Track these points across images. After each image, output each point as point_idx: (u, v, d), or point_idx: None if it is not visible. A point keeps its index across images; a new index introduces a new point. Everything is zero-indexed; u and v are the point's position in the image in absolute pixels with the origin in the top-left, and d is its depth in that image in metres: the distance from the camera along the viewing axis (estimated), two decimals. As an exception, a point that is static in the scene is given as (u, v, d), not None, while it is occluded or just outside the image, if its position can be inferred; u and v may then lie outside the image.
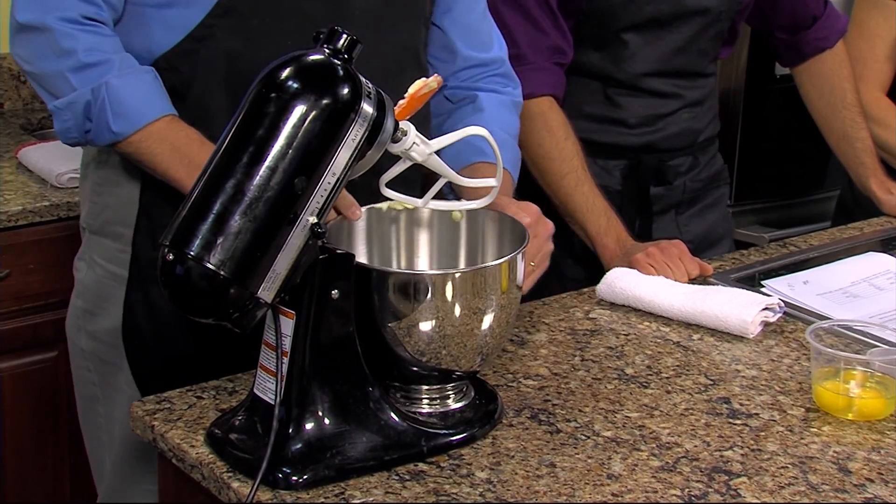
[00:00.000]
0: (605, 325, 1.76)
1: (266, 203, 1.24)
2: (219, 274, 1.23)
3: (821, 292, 1.87)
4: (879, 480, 1.38)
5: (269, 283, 1.26)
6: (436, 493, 1.33)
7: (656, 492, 1.34)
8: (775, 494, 1.35)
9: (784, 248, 2.07)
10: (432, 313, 1.38)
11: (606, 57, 2.17)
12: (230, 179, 1.25)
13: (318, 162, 1.27)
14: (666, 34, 2.16)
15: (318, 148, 1.27)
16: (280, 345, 1.33)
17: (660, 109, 2.21)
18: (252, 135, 1.26)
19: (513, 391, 1.55)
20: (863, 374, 1.53)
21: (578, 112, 2.18)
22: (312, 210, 1.27)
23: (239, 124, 1.28)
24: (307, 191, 1.26)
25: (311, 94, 1.27)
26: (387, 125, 1.32)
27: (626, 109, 2.20)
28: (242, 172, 1.25)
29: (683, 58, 2.20)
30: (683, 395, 1.56)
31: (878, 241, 2.12)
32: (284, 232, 1.26)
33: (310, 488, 1.32)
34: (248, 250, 1.24)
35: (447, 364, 1.41)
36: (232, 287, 1.24)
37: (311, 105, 1.26)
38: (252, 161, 1.25)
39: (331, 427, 1.34)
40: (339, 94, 1.27)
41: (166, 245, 1.25)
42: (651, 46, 2.16)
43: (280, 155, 1.25)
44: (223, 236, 1.23)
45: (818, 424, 1.50)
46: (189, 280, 1.24)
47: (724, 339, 1.72)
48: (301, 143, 1.25)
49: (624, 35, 2.14)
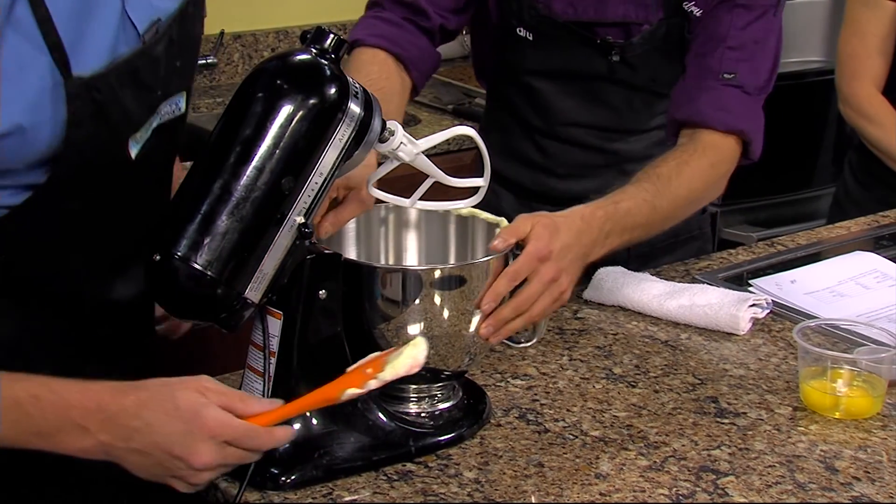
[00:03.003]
0: (593, 325, 1.76)
1: (253, 203, 1.24)
2: (206, 274, 1.22)
3: (808, 291, 1.87)
4: (866, 479, 1.38)
5: (256, 283, 1.26)
6: (424, 493, 1.33)
7: (644, 491, 1.35)
8: (763, 493, 1.35)
9: (772, 248, 2.08)
10: (420, 313, 1.38)
11: (524, 101, 1.95)
12: (217, 180, 1.24)
13: (306, 162, 1.26)
14: (578, 85, 1.90)
15: (305, 148, 1.26)
16: (267, 345, 1.33)
17: (592, 160, 1.95)
18: (238, 134, 1.25)
19: (501, 391, 1.55)
20: (850, 373, 1.53)
21: (511, 153, 2.00)
22: (300, 210, 1.27)
23: (226, 124, 1.27)
24: (294, 191, 1.26)
25: (298, 94, 1.26)
26: (374, 125, 1.31)
27: (552, 157, 1.97)
28: (229, 173, 1.24)
29: (604, 113, 1.92)
30: (671, 395, 1.56)
31: (865, 241, 2.13)
32: (272, 232, 1.26)
33: (298, 488, 1.32)
34: (235, 251, 1.23)
35: (435, 364, 1.41)
36: (219, 287, 1.23)
37: (298, 105, 1.25)
38: (239, 161, 1.24)
39: (318, 427, 1.34)
40: (327, 94, 1.27)
41: (156, 248, 1.24)
42: (566, 96, 1.91)
43: (267, 155, 1.24)
44: (210, 237, 1.22)
45: (805, 423, 1.50)
46: (176, 281, 1.23)
47: (712, 339, 1.72)
48: (288, 143, 1.25)
49: (533, 81, 1.92)
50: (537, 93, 1.94)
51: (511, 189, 2.02)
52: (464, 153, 2.98)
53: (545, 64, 1.91)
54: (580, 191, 1.84)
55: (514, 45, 1.91)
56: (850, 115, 2.55)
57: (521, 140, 2.00)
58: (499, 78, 2.01)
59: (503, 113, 2.02)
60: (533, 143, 1.99)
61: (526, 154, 2.00)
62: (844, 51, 2.54)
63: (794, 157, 3.16)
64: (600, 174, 1.95)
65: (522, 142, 2.00)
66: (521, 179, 2.01)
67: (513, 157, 2.01)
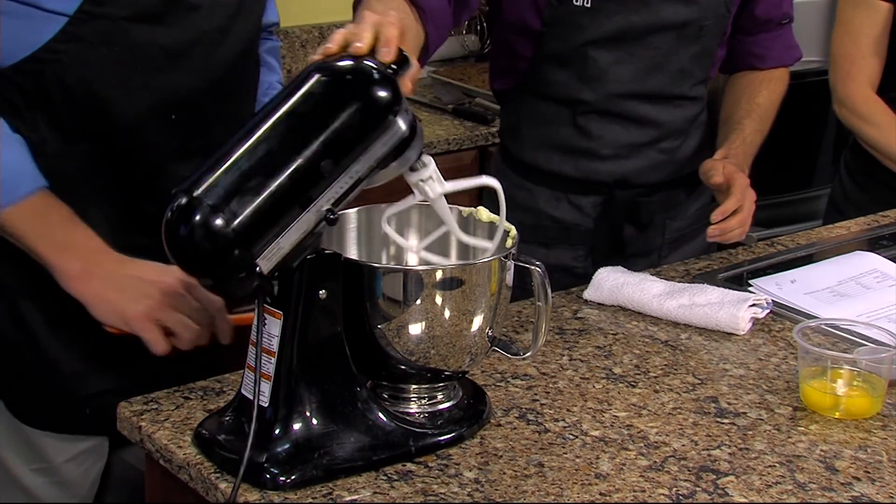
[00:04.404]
0: (593, 325, 1.76)
1: (291, 175, 1.26)
2: (228, 226, 1.23)
3: (808, 291, 1.87)
4: (866, 479, 1.39)
5: (270, 254, 1.27)
6: (424, 493, 1.33)
7: (644, 491, 1.35)
8: (763, 493, 1.35)
9: (772, 248, 2.08)
10: (421, 314, 1.38)
11: (574, 76, 2.00)
12: (264, 142, 1.27)
13: (348, 152, 1.29)
14: (638, 50, 1.98)
15: (351, 139, 1.29)
16: (268, 345, 1.33)
17: (635, 138, 2.03)
18: (294, 108, 1.29)
19: (501, 391, 1.55)
20: (850, 373, 1.53)
21: (546, 142, 2.05)
22: (329, 198, 1.29)
23: (284, 97, 1.30)
24: (330, 176, 1.28)
25: (359, 89, 1.30)
26: (414, 145, 1.34)
27: (596, 138, 2.03)
28: (276, 139, 1.27)
29: (660, 77, 2.01)
30: (671, 395, 1.56)
31: (865, 240, 2.13)
32: (299, 209, 1.27)
33: (298, 489, 1.32)
34: (260, 213, 1.25)
35: (436, 364, 1.41)
36: (236, 245, 1.24)
37: (356, 98, 1.29)
38: (288, 130, 1.28)
39: (319, 427, 1.34)
40: (382, 97, 1.30)
41: (182, 190, 1.25)
42: (622, 64, 1.98)
43: (316, 133, 1.27)
44: (241, 194, 1.24)
45: (805, 423, 1.50)
46: (195, 228, 1.24)
47: (712, 339, 1.72)
48: (337, 129, 1.28)
49: (591, 51, 1.97)
50: (592, 64, 1.98)
51: (545, 182, 2.07)
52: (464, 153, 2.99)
53: (604, 28, 1.96)
54: (623, 172, 2.04)
55: (569, 17, 1.95)
56: (845, 116, 2.54)
57: (560, 127, 2.04)
58: (541, 63, 2.02)
59: (538, 102, 2.05)
60: (574, 127, 2.03)
61: (567, 141, 2.04)
62: (838, 52, 2.53)
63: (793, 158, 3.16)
64: (640, 154, 2.05)
65: (563, 128, 2.04)
66: (561, 168, 2.06)
67: (551, 147, 2.05)
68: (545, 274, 1.42)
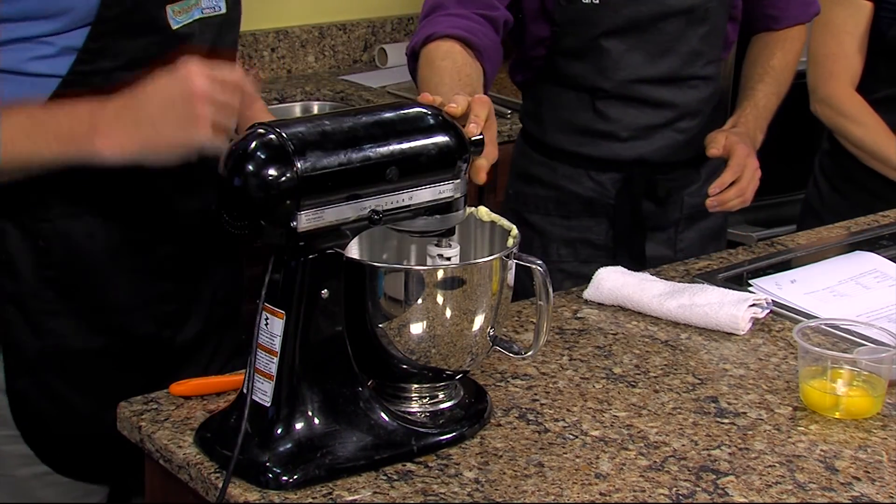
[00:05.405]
0: (593, 325, 1.76)
1: (363, 159, 1.31)
2: (295, 169, 1.26)
3: (808, 291, 1.87)
4: (866, 479, 1.39)
5: (311, 216, 1.29)
6: (424, 493, 1.33)
7: (644, 491, 1.35)
8: (763, 493, 1.35)
9: (772, 248, 2.08)
10: (423, 313, 1.38)
11: (589, 66, 2.09)
12: (351, 118, 1.34)
13: (412, 173, 1.35)
14: (648, 36, 2.06)
15: (422, 163, 1.36)
16: (269, 345, 1.34)
17: (652, 120, 2.12)
18: (389, 115, 1.38)
19: (501, 391, 1.56)
20: (850, 373, 1.53)
21: (568, 125, 2.14)
22: (381, 203, 1.33)
23: (385, 107, 1.41)
24: (389, 184, 1.33)
25: (447, 128, 1.38)
26: (457, 216, 1.41)
27: (615, 121, 2.11)
28: (364, 128, 1.34)
29: (672, 60, 2.09)
30: (671, 395, 1.56)
31: (864, 240, 2.13)
32: (356, 191, 1.31)
33: (300, 488, 1.32)
34: (326, 174, 1.29)
35: (437, 363, 1.42)
36: (294, 189, 1.26)
37: (442, 132, 1.37)
38: (377, 124, 1.35)
39: (320, 427, 1.35)
40: (462, 143, 1.39)
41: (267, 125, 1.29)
42: (634, 51, 2.07)
43: (397, 141, 1.34)
44: (318, 148, 1.29)
45: (805, 423, 1.50)
46: (269, 157, 1.27)
47: (712, 339, 1.72)
48: (416, 148, 1.35)
49: (603, 42, 2.06)
50: (606, 54, 2.06)
51: (566, 160, 2.15)
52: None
53: (614, 21, 2.04)
54: (644, 152, 2.13)
55: (580, 15, 2.04)
56: (828, 116, 2.52)
57: (580, 112, 2.12)
58: (557, 57, 2.10)
59: (558, 90, 2.13)
60: (594, 111, 2.11)
61: (587, 124, 2.13)
62: (820, 51, 2.51)
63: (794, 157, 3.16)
64: (659, 134, 2.13)
65: (583, 113, 2.12)
66: (583, 150, 2.14)
67: (572, 130, 2.14)
68: (546, 273, 1.42)
